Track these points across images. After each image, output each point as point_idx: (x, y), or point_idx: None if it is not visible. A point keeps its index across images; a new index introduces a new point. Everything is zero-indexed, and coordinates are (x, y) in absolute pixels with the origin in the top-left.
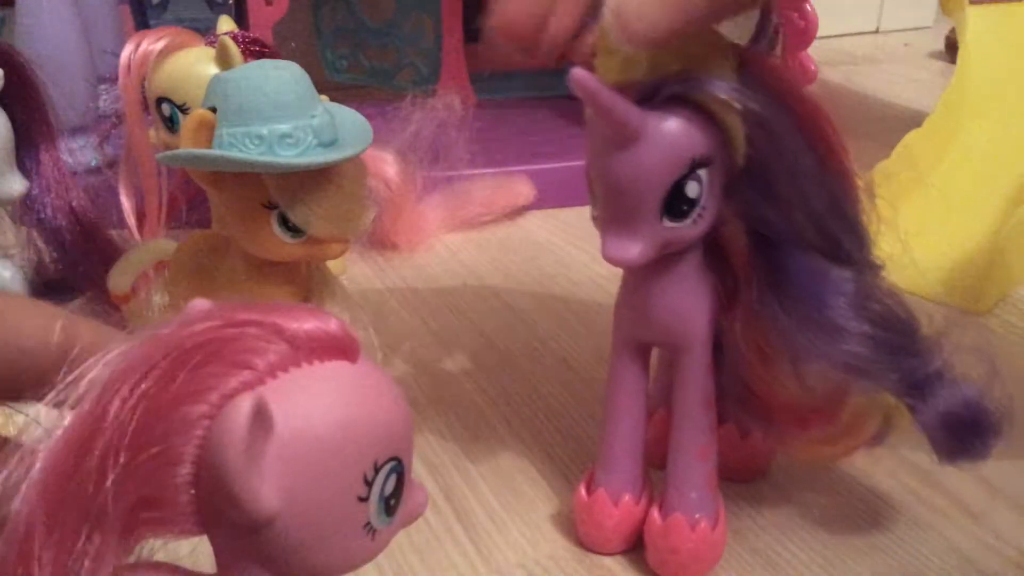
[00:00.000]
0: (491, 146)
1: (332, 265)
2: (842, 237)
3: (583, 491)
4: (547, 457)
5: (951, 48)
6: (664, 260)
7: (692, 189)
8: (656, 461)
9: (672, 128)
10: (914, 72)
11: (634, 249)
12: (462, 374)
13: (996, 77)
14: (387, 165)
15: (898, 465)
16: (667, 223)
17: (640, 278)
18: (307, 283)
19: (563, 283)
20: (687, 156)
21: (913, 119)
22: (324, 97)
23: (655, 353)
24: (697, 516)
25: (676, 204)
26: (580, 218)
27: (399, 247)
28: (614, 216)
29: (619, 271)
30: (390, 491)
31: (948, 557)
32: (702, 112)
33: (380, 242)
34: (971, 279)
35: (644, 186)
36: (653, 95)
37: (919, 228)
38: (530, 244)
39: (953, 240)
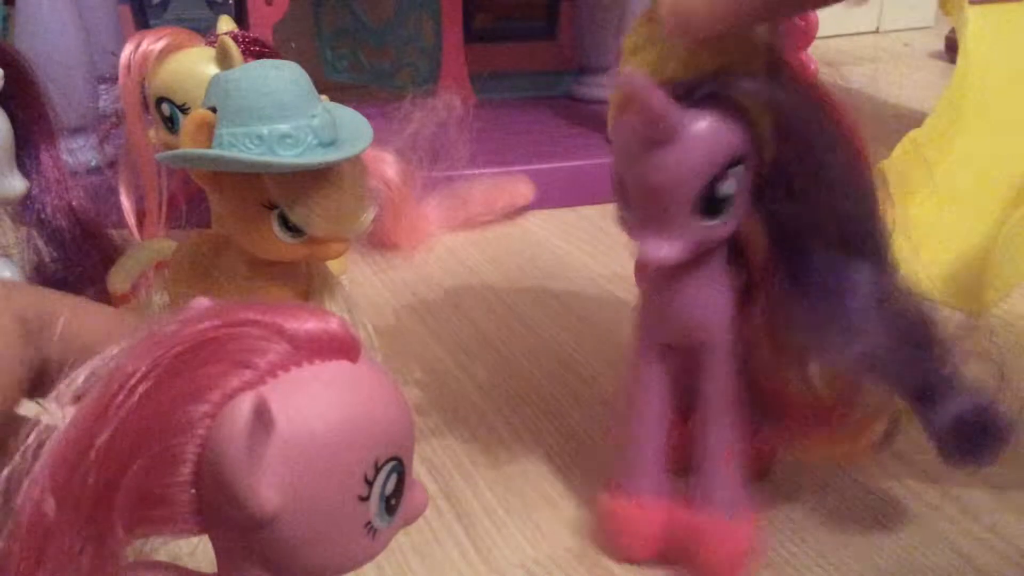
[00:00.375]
0: (491, 146)
1: (332, 265)
2: (863, 236)
3: (609, 499)
4: (547, 457)
5: (951, 48)
6: (690, 260)
7: (726, 187)
8: (674, 467)
9: (710, 127)
10: (914, 72)
11: (671, 249)
12: (462, 374)
13: (996, 77)
14: (387, 165)
15: (898, 464)
16: (702, 222)
17: (666, 279)
18: (307, 283)
19: (563, 283)
20: (723, 155)
21: (913, 119)
22: (324, 97)
23: None
24: (731, 514)
25: (711, 202)
26: (580, 218)
27: (399, 247)
28: (650, 217)
29: (620, 271)
30: (391, 491)
31: (947, 556)
32: (736, 110)
33: (380, 242)
34: (971, 279)
35: (681, 186)
36: (688, 94)
37: (919, 227)
38: (530, 244)
39: (953, 240)
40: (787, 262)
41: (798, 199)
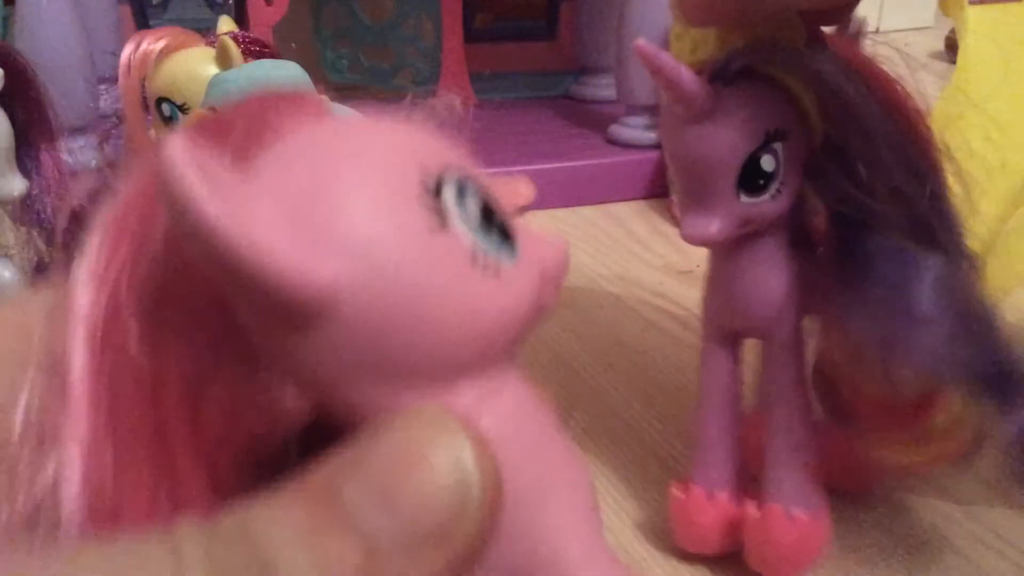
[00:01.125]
0: (491, 146)
1: None
2: (928, 216)
3: (678, 490)
4: None
5: (951, 48)
6: (747, 242)
7: (768, 163)
8: (755, 468)
9: (743, 101)
10: (914, 72)
11: (712, 226)
12: None
13: (996, 77)
14: None
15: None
16: (744, 199)
17: (724, 261)
18: None
19: (563, 283)
20: (760, 129)
21: None
22: (324, 97)
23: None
24: (796, 508)
25: (752, 179)
26: (580, 218)
27: None
28: (691, 194)
29: (620, 271)
30: (479, 208)
31: (947, 557)
32: (775, 85)
33: None
34: None
35: (717, 161)
36: (723, 71)
37: None
38: None
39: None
40: (850, 249)
41: (854, 175)
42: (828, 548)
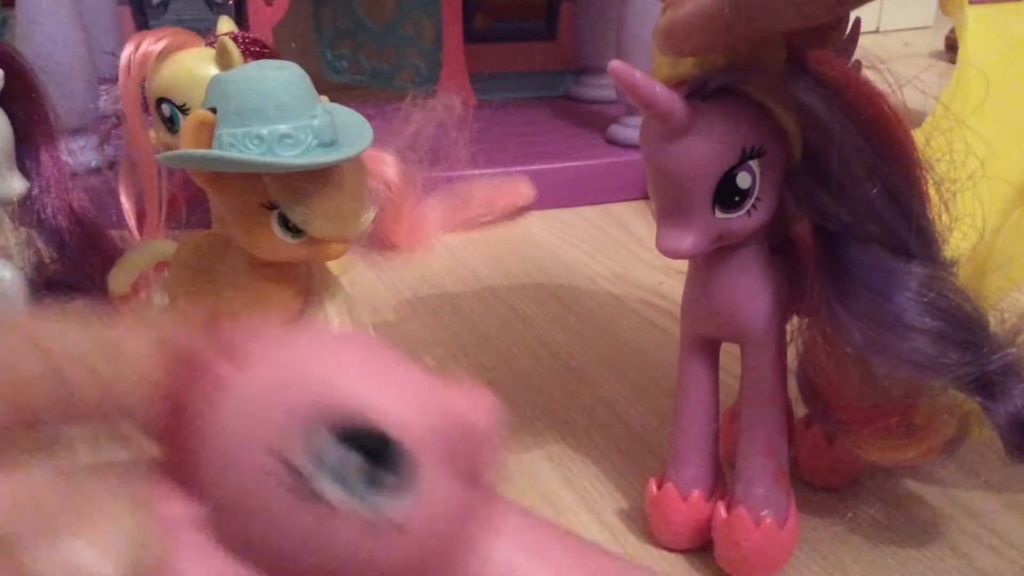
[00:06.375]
0: (491, 146)
1: (333, 265)
2: (903, 230)
3: (653, 487)
4: (547, 457)
5: (951, 48)
6: (726, 253)
7: (744, 180)
8: (729, 460)
9: (719, 118)
10: (914, 72)
11: (687, 240)
12: (462, 374)
13: (996, 77)
14: (387, 165)
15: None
16: (719, 214)
17: (703, 271)
18: (307, 283)
19: (563, 283)
20: (736, 147)
21: (913, 119)
22: (324, 97)
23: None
24: (763, 512)
25: (728, 195)
26: (580, 218)
27: (399, 247)
28: (667, 208)
29: (620, 271)
30: (359, 454)
31: (948, 558)
32: (752, 103)
33: (380, 242)
34: (969, 279)
35: (693, 177)
36: (702, 88)
37: None
38: (530, 244)
39: (951, 240)
40: (831, 258)
41: (831, 192)
42: (795, 552)
